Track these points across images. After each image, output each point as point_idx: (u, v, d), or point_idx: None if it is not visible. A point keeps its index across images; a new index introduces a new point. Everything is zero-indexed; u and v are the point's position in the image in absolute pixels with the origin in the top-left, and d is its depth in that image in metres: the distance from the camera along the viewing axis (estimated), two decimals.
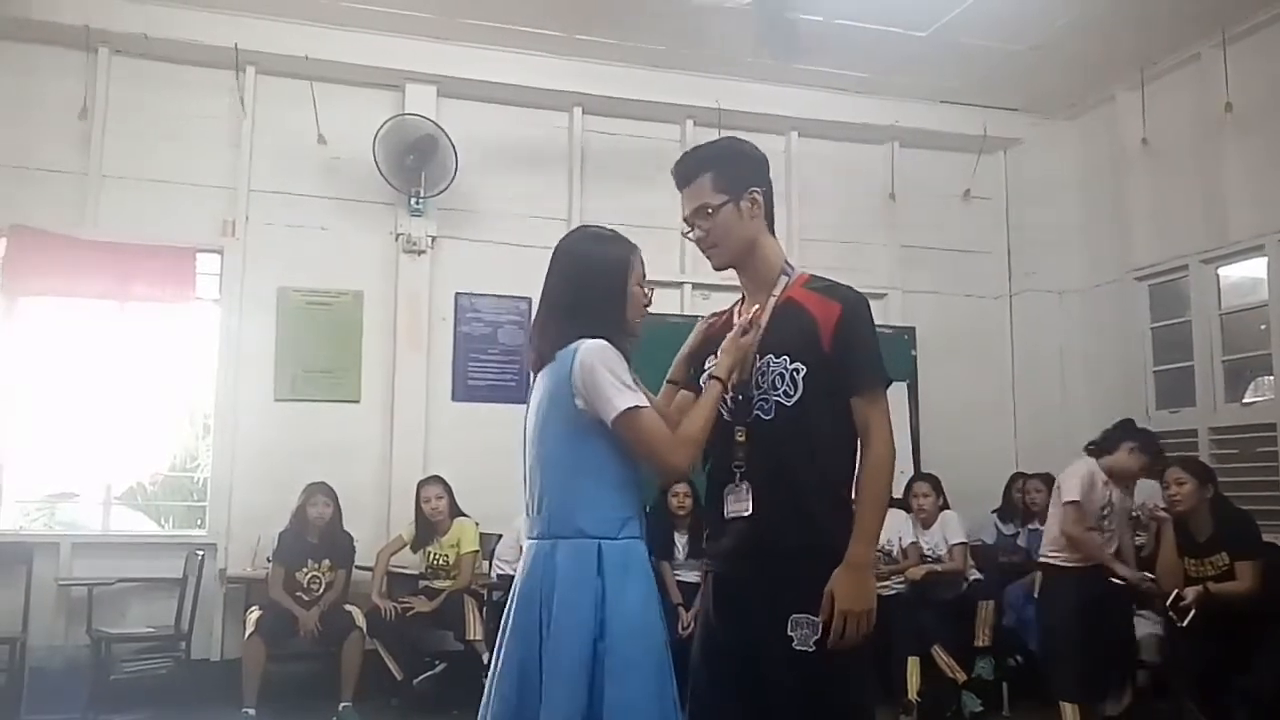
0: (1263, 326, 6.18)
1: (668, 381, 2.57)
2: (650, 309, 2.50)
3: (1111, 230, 7.19)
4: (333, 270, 6.53)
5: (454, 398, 6.66)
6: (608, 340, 2.30)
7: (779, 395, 2.31)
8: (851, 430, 2.32)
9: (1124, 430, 4.91)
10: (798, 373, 2.30)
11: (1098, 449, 4.83)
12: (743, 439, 2.34)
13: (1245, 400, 6.35)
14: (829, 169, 7.46)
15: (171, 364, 6.51)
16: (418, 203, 6.47)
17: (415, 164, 6.38)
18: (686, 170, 2.47)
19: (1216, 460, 5.85)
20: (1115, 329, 7.14)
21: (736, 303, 2.57)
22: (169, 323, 6.43)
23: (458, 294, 6.74)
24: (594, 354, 2.26)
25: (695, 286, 6.95)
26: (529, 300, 6.80)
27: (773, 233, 2.51)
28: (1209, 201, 6.45)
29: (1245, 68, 6.16)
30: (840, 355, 2.29)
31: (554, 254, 2.46)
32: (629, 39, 6.57)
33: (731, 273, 2.53)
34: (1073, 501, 4.71)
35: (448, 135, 6.39)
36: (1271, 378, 6.09)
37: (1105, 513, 4.74)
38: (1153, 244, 6.88)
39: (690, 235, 2.48)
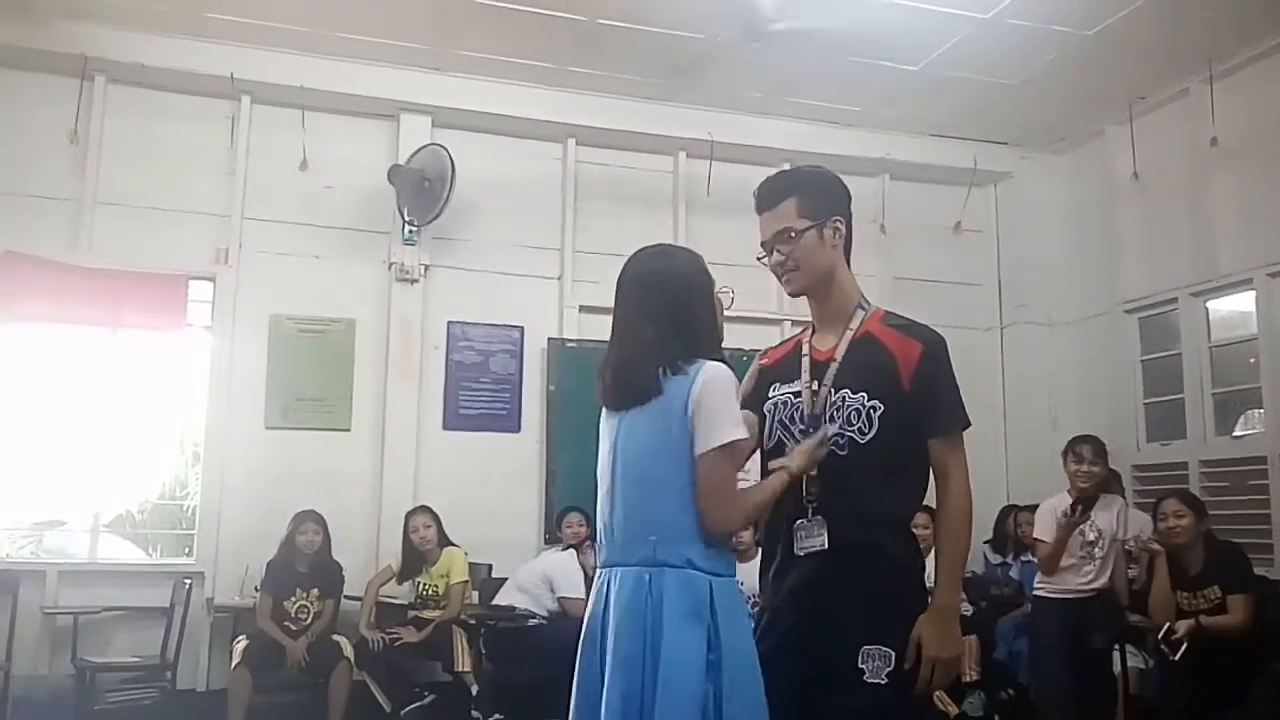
0: (1252, 360, 6.21)
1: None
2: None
3: (1101, 263, 7.23)
4: (325, 298, 6.53)
5: (445, 426, 6.64)
6: (718, 350, 2.28)
7: (853, 431, 2.29)
8: (922, 467, 2.30)
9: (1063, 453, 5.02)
10: (874, 410, 2.27)
11: None
12: (814, 473, 2.31)
13: (1236, 433, 6.36)
14: None
15: (162, 391, 6.52)
16: (411, 231, 6.48)
17: (437, 190, 6.36)
18: (771, 193, 2.44)
19: (1207, 493, 5.85)
20: (1105, 361, 7.17)
21: (803, 331, 2.53)
22: (160, 350, 6.44)
23: (450, 323, 6.74)
24: (722, 376, 2.21)
25: None
26: (521, 329, 6.82)
27: (850, 265, 2.49)
28: (1198, 235, 6.49)
29: (1233, 103, 6.22)
30: (921, 396, 2.28)
31: (629, 284, 2.35)
32: (623, 71, 6.62)
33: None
34: (1035, 539, 4.85)
35: (453, 163, 6.38)
36: (1261, 411, 6.11)
37: (1092, 538, 4.74)
38: (1142, 277, 6.92)
39: (768, 260, 2.45)
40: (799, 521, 2.32)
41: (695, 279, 2.34)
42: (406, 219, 6.46)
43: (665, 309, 2.28)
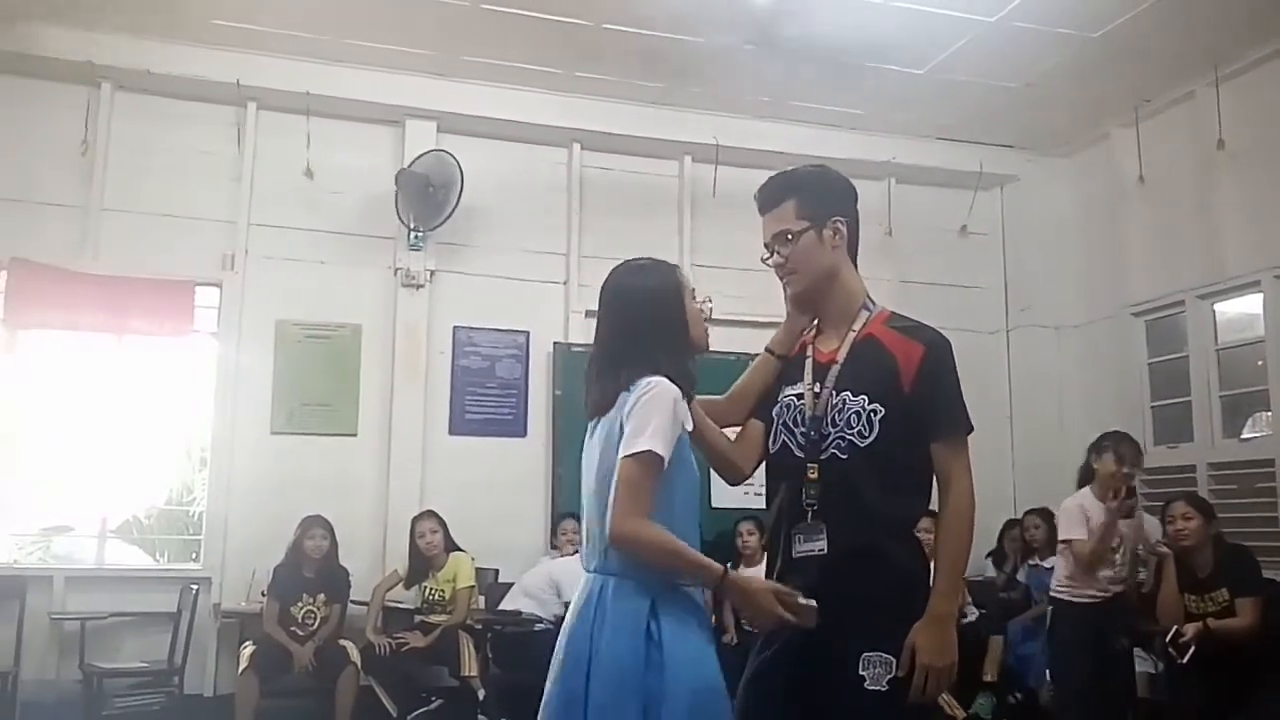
0: (1260, 362, 6.19)
1: (766, 350, 2.53)
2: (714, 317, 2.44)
3: (1108, 266, 7.22)
4: (331, 304, 6.54)
5: (451, 431, 6.64)
6: (681, 365, 2.27)
7: (853, 435, 2.26)
8: (926, 471, 2.28)
9: (1094, 447, 4.88)
10: (875, 414, 2.24)
11: (1083, 478, 4.85)
12: (814, 476, 2.28)
13: (1244, 436, 6.34)
14: None
15: (169, 397, 6.51)
16: (416, 237, 6.49)
17: (442, 196, 6.38)
18: (771, 195, 2.43)
19: (1215, 496, 5.82)
20: (1113, 364, 7.15)
21: (809, 332, 2.50)
22: (167, 356, 6.45)
23: (456, 328, 6.74)
24: (657, 391, 2.19)
25: None
26: (527, 334, 6.82)
27: (856, 266, 2.46)
28: (1205, 238, 6.48)
29: (1239, 105, 6.21)
30: (922, 399, 2.24)
31: (604, 298, 2.38)
32: (628, 76, 6.62)
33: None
34: (1065, 541, 4.72)
35: (460, 169, 6.40)
36: (1269, 413, 6.09)
37: (1117, 543, 4.70)
38: (1149, 280, 6.90)
39: (769, 261, 2.43)
40: (798, 524, 2.30)
41: (661, 295, 2.33)
42: (411, 225, 6.47)
43: (627, 325, 2.31)
